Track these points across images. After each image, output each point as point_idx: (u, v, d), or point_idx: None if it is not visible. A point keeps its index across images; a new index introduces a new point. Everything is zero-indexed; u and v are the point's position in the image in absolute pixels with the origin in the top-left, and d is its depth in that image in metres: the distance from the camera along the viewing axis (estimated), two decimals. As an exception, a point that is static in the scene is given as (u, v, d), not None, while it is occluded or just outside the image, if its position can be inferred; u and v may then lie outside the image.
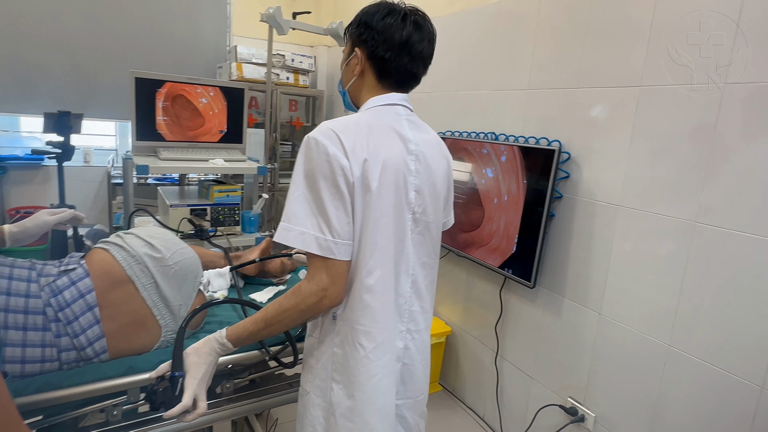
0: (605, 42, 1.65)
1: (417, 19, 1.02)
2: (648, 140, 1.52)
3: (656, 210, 1.50)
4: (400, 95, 1.06)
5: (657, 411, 1.51)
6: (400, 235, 1.01)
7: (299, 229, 0.91)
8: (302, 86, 3.68)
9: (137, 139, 2.03)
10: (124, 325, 1.12)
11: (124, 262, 1.14)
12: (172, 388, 0.94)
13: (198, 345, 1.00)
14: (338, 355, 1.01)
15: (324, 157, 0.91)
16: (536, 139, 1.90)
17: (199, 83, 2.14)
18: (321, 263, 0.93)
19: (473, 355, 2.35)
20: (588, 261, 1.73)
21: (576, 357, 1.79)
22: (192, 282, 1.25)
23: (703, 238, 1.38)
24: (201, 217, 1.99)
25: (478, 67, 2.25)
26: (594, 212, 1.70)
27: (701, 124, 1.38)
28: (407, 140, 1.02)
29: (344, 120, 0.97)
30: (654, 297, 1.51)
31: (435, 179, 1.06)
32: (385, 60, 1.01)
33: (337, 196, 0.91)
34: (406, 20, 1.00)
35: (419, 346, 1.10)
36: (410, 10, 1.03)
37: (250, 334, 0.99)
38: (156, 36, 3.45)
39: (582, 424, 1.76)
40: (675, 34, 1.44)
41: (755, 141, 1.26)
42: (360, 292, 0.97)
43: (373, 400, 1.00)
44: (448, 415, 2.33)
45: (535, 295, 1.96)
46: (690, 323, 1.42)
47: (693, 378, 1.41)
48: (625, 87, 1.58)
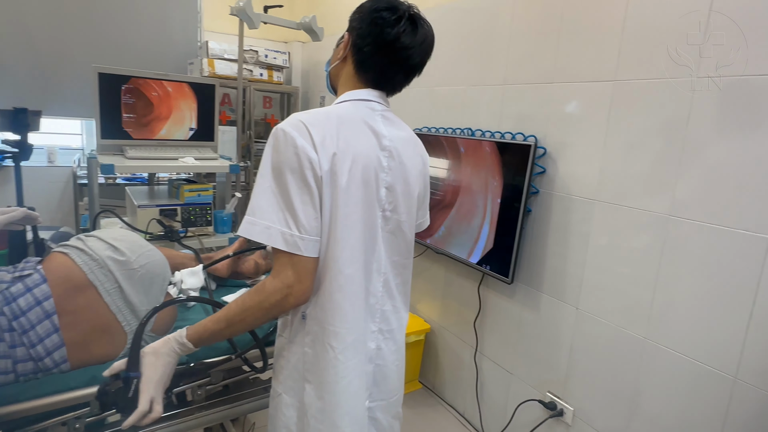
0: (579, 36, 1.65)
1: (414, 25, 0.96)
2: (622, 134, 1.53)
3: (631, 204, 1.51)
4: (376, 92, 1.02)
5: (634, 403, 1.52)
6: (371, 232, 0.98)
7: (264, 223, 0.88)
8: (276, 83, 3.61)
9: (102, 137, 1.95)
10: (86, 332, 1.06)
11: (85, 266, 1.08)
12: (125, 388, 0.89)
13: (156, 345, 0.95)
14: (309, 354, 0.97)
15: (292, 150, 0.87)
16: (512, 135, 1.90)
17: (167, 79, 2.06)
18: (287, 259, 0.89)
19: (452, 352, 2.34)
20: (565, 256, 1.73)
21: (554, 352, 1.79)
22: (160, 285, 1.20)
23: (677, 232, 1.39)
24: (171, 218, 1.93)
25: (454, 63, 2.23)
26: (570, 207, 1.71)
27: (674, 118, 1.39)
28: (381, 136, 0.98)
29: (315, 112, 0.93)
30: (630, 290, 1.52)
31: (408, 177, 1.03)
32: (364, 53, 0.98)
33: (304, 190, 0.88)
34: (400, 21, 0.95)
35: (392, 346, 1.07)
36: (413, 14, 0.97)
37: (211, 334, 0.94)
38: (122, 31, 3.32)
39: (561, 418, 1.77)
40: (648, 30, 1.45)
41: (727, 135, 1.28)
42: (330, 291, 0.94)
43: (342, 402, 0.97)
44: (428, 413, 2.32)
45: (513, 291, 1.96)
46: (665, 316, 1.43)
47: (669, 370, 1.43)
48: (599, 81, 1.59)
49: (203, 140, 2.21)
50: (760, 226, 1.21)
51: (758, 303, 1.22)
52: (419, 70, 1.03)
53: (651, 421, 1.48)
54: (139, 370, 0.91)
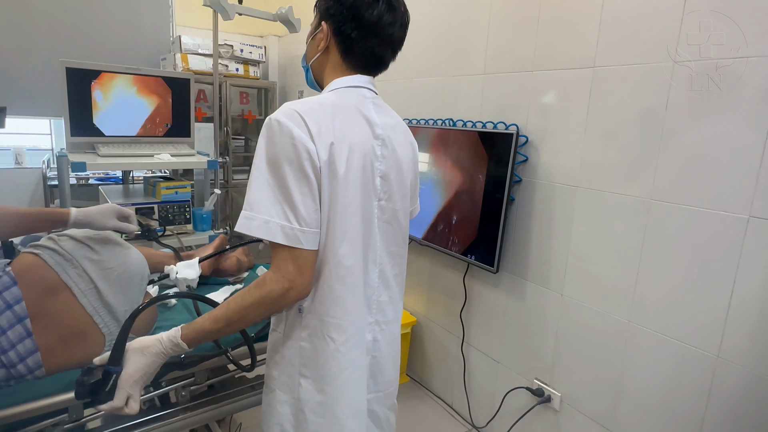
0: (558, 23, 1.66)
1: (391, 1, 0.96)
2: (602, 120, 1.54)
3: (612, 189, 1.52)
4: (366, 78, 1.01)
5: (620, 386, 1.54)
6: (368, 223, 0.97)
7: (263, 218, 0.85)
8: (253, 78, 3.54)
9: (72, 134, 1.88)
10: (61, 336, 1.02)
11: (57, 266, 1.03)
12: (103, 382, 0.85)
13: (146, 343, 0.90)
14: (306, 349, 0.95)
15: (288, 140, 0.85)
16: (494, 124, 1.90)
17: (140, 73, 2.00)
18: (287, 253, 0.86)
19: (439, 343, 2.34)
20: (549, 243, 1.74)
21: (540, 339, 1.80)
22: (138, 285, 1.16)
23: (658, 215, 1.41)
24: (148, 217, 1.87)
25: (433, 54, 2.22)
26: (553, 195, 1.71)
27: (653, 103, 1.40)
28: (374, 124, 0.97)
29: (308, 101, 0.91)
30: (613, 275, 1.54)
31: (401, 165, 1.02)
32: (351, 39, 0.96)
33: (303, 181, 0.86)
34: (378, 1, 0.94)
35: (388, 338, 1.06)
36: None
37: (208, 333, 0.91)
38: (91, 26, 3.20)
39: (549, 404, 1.78)
40: (626, 16, 1.45)
41: (702, 118, 1.29)
42: (330, 283, 0.92)
43: (344, 394, 0.96)
44: (417, 405, 2.32)
45: (499, 280, 1.96)
46: (648, 298, 1.45)
47: (653, 351, 1.45)
48: (578, 68, 1.59)
49: (179, 136, 2.15)
50: (738, 206, 1.23)
51: (738, 282, 1.25)
52: (402, 43, 1.03)
53: (637, 403, 1.50)
54: (120, 365, 0.87)
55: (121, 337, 0.90)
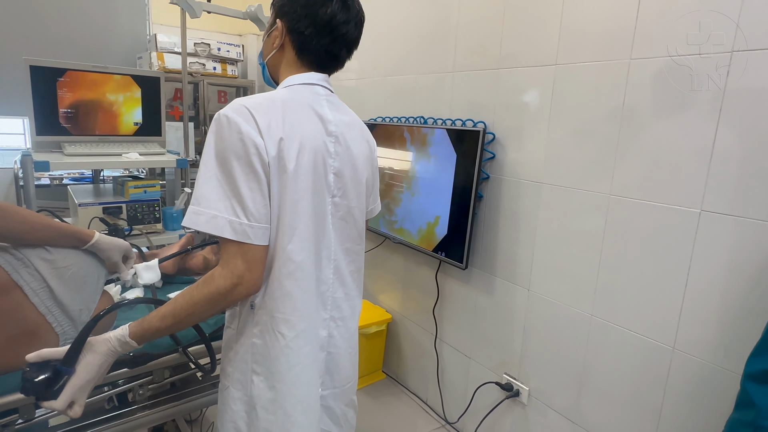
0: (522, 22, 1.67)
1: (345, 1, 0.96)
2: (565, 117, 1.56)
3: (575, 185, 1.55)
4: (320, 75, 1.01)
5: (584, 379, 1.57)
6: (320, 219, 0.97)
7: (211, 213, 0.85)
8: (231, 76, 3.52)
9: (37, 134, 1.86)
10: (12, 336, 1.00)
11: (8, 265, 1.02)
12: (52, 381, 0.84)
13: (96, 343, 0.89)
14: (258, 345, 0.96)
15: (236, 136, 0.85)
16: (463, 122, 1.91)
17: (107, 71, 1.98)
18: (236, 249, 0.86)
19: (414, 340, 2.36)
20: (515, 239, 1.76)
21: (509, 334, 1.83)
22: (94, 284, 1.15)
23: (618, 210, 1.43)
24: (116, 216, 1.86)
25: (406, 53, 2.23)
26: (519, 191, 1.73)
27: (613, 100, 1.42)
28: (326, 121, 0.97)
29: (258, 97, 0.91)
30: (576, 269, 1.56)
31: (356, 162, 1.03)
32: (305, 36, 0.96)
33: (251, 176, 0.86)
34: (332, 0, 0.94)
35: (344, 333, 1.07)
36: None
37: (156, 331, 0.90)
38: (65, 24, 3.16)
39: (517, 398, 1.80)
40: (585, 13, 1.48)
41: (660, 116, 1.32)
42: (279, 278, 0.92)
43: (294, 391, 0.96)
44: (392, 402, 2.33)
45: (469, 276, 1.98)
46: (609, 292, 1.48)
47: (614, 344, 1.47)
48: (541, 66, 1.61)
49: (149, 135, 2.13)
50: (691, 200, 1.26)
51: (692, 274, 1.27)
52: (358, 43, 1.03)
53: (601, 395, 1.52)
54: (74, 367, 0.87)
55: (80, 339, 0.89)
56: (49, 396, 0.84)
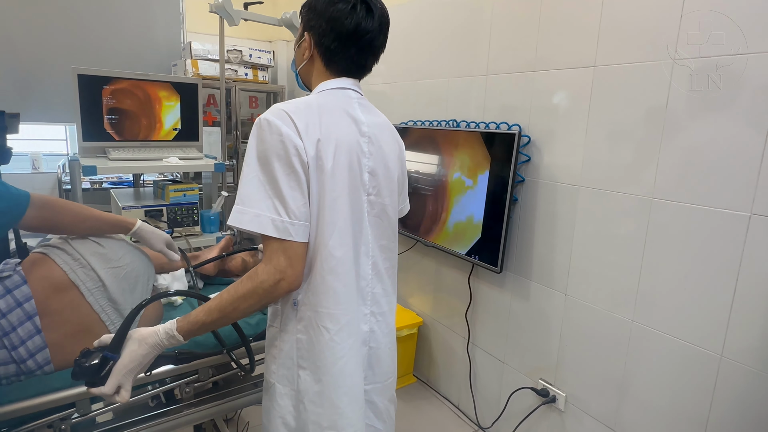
0: (559, 23, 1.66)
1: (369, 7, 0.98)
2: (604, 119, 1.54)
3: (615, 189, 1.52)
4: (351, 80, 1.05)
5: (624, 386, 1.53)
6: (358, 216, 1.00)
7: (254, 212, 0.89)
8: (262, 82, 3.59)
9: (84, 139, 1.93)
10: (69, 333, 1.05)
11: (65, 266, 1.06)
12: (100, 367, 0.87)
13: (144, 333, 0.92)
14: (302, 341, 0.98)
15: (277, 138, 0.89)
16: (497, 125, 1.90)
17: (149, 79, 2.05)
18: (278, 245, 0.90)
19: (445, 344, 2.35)
20: (552, 243, 1.74)
21: (545, 339, 1.80)
22: (144, 285, 1.19)
23: (660, 214, 1.40)
24: (157, 219, 1.91)
25: (436, 56, 2.23)
26: (555, 195, 1.71)
27: (654, 102, 1.40)
28: (360, 122, 1.01)
29: (295, 102, 0.95)
30: (616, 274, 1.53)
31: (388, 162, 1.06)
32: (331, 50, 1.00)
33: (292, 176, 0.90)
34: (356, 8, 0.96)
35: (384, 329, 1.09)
36: None
37: (202, 325, 0.93)
38: (104, 33, 3.28)
39: (553, 404, 1.78)
40: (625, 14, 1.45)
41: (702, 116, 1.29)
42: (322, 273, 0.95)
43: (340, 383, 0.98)
44: (424, 406, 2.32)
45: (503, 280, 1.96)
46: (651, 298, 1.44)
47: (657, 351, 1.44)
48: (579, 68, 1.59)
49: (188, 140, 2.20)
50: (739, 204, 1.22)
51: (741, 280, 1.23)
52: (384, 46, 1.05)
53: (642, 403, 1.49)
54: (119, 353, 0.90)
55: (124, 326, 0.92)
56: (97, 382, 0.88)
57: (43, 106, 3.11)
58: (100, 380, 0.87)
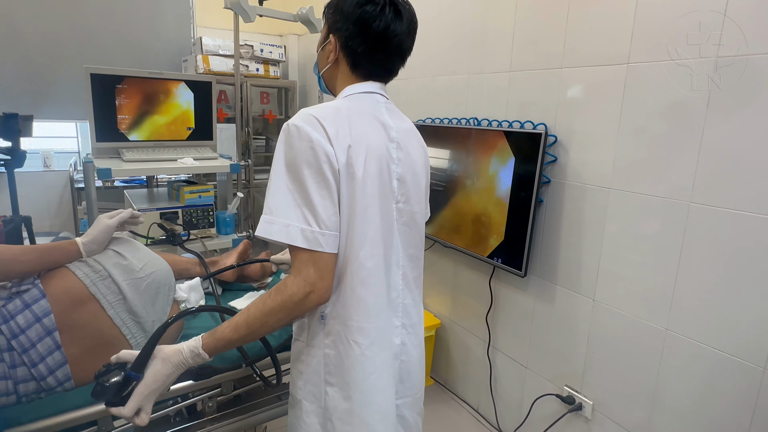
0: (589, 18, 1.59)
1: (397, 9, 0.93)
2: (638, 119, 1.47)
3: (648, 191, 1.46)
4: (377, 84, 1.01)
5: (656, 396, 1.48)
6: (388, 225, 0.96)
7: (283, 222, 0.84)
8: (273, 77, 3.53)
9: (97, 140, 1.89)
10: (89, 348, 1.02)
11: (86, 278, 1.03)
12: (122, 386, 0.83)
13: (169, 352, 0.88)
14: (331, 356, 0.94)
15: (307, 144, 0.85)
16: (521, 123, 1.84)
17: (163, 77, 2.00)
18: (308, 257, 0.85)
19: (464, 346, 2.30)
20: (579, 246, 1.68)
21: (570, 344, 1.75)
22: (166, 295, 1.15)
23: (697, 218, 1.34)
24: (172, 221, 1.88)
25: (455, 51, 2.16)
26: (583, 196, 1.65)
27: (691, 101, 1.33)
28: (388, 127, 0.97)
29: (324, 106, 0.91)
30: (650, 280, 1.47)
31: (416, 168, 1.02)
32: (358, 54, 0.95)
33: (322, 184, 0.85)
34: (385, 10, 0.92)
35: (414, 341, 1.05)
36: None
37: (229, 342, 0.89)
38: (113, 30, 3.24)
39: (580, 412, 1.73)
40: (663, 10, 1.38)
41: (745, 118, 1.22)
42: (352, 285, 0.91)
43: (371, 399, 0.94)
44: (442, 409, 2.29)
45: (527, 284, 1.91)
46: (687, 305, 1.38)
47: (692, 360, 1.38)
48: (611, 65, 1.53)
49: (202, 139, 2.15)
50: (789, 210, 1.16)
51: (788, 291, 1.17)
52: (411, 50, 1.01)
53: (675, 414, 1.44)
54: (142, 372, 0.86)
55: (150, 345, 0.88)
56: (117, 401, 0.84)
57: (54, 104, 3.08)
58: (121, 400, 0.83)
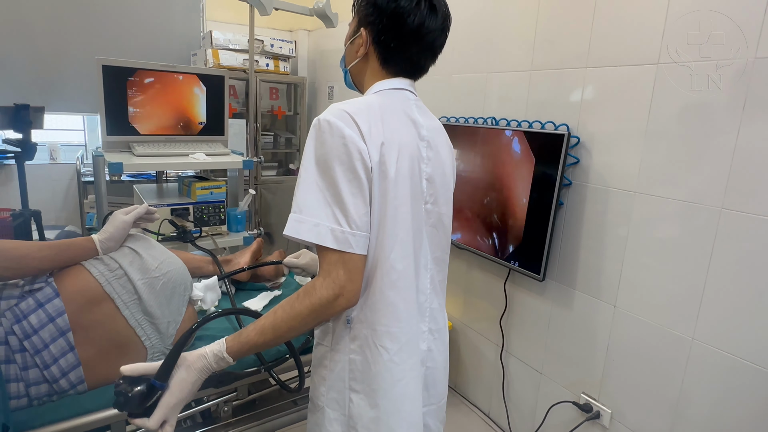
0: (618, 16, 1.54)
1: (433, 3, 0.91)
2: (667, 121, 1.43)
3: (678, 197, 1.41)
4: (407, 80, 0.98)
5: (680, 407, 1.44)
6: (418, 226, 0.92)
7: (312, 221, 0.81)
8: (283, 73, 3.49)
9: (108, 133, 1.85)
10: (103, 349, 0.98)
11: (101, 277, 0.99)
12: (146, 397, 0.79)
13: (192, 358, 0.83)
14: (356, 362, 0.90)
15: (339, 140, 0.81)
16: (541, 124, 1.79)
17: (175, 71, 1.96)
18: (337, 258, 0.82)
19: (476, 350, 2.26)
20: (600, 251, 1.64)
21: (589, 351, 1.71)
22: (181, 295, 1.11)
23: (727, 224, 1.29)
24: (183, 218, 1.84)
25: (474, 49, 2.12)
26: (607, 199, 1.61)
27: (726, 104, 1.28)
28: (419, 125, 0.94)
29: (355, 102, 0.87)
30: (676, 288, 1.43)
31: (445, 168, 0.99)
32: (390, 49, 0.92)
33: (354, 183, 0.82)
34: (420, 5, 0.89)
35: (440, 347, 1.02)
36: None
37: (253, 346, 0.84)
38: (123, 22, 3.20)
39: (597, 420, 1.69)
40: (695, 6, 1.34)
41: (789, 120, 1.17)
42: (382, 289, 0.87)
43: (399, 407, 0.90)
44: (452, 413, 2.25)
45: (544, 288, 1.87)
46: (716, 314, 1.34)
47: (722, 373, 1.34)
48: (639, 65, 1.48)
49: (213, 134, 2.11)
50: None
51: (827, 303, 1.13)
52: (442, 49, 0.99)
53: (698, 426, 1.39)
54: (167, 382, 0.81)
55: (174, 352, 0.83)
56: (141, 413, 0.80)
57: (63, 96, 3.04)
58: (144, 411, 0.79)
